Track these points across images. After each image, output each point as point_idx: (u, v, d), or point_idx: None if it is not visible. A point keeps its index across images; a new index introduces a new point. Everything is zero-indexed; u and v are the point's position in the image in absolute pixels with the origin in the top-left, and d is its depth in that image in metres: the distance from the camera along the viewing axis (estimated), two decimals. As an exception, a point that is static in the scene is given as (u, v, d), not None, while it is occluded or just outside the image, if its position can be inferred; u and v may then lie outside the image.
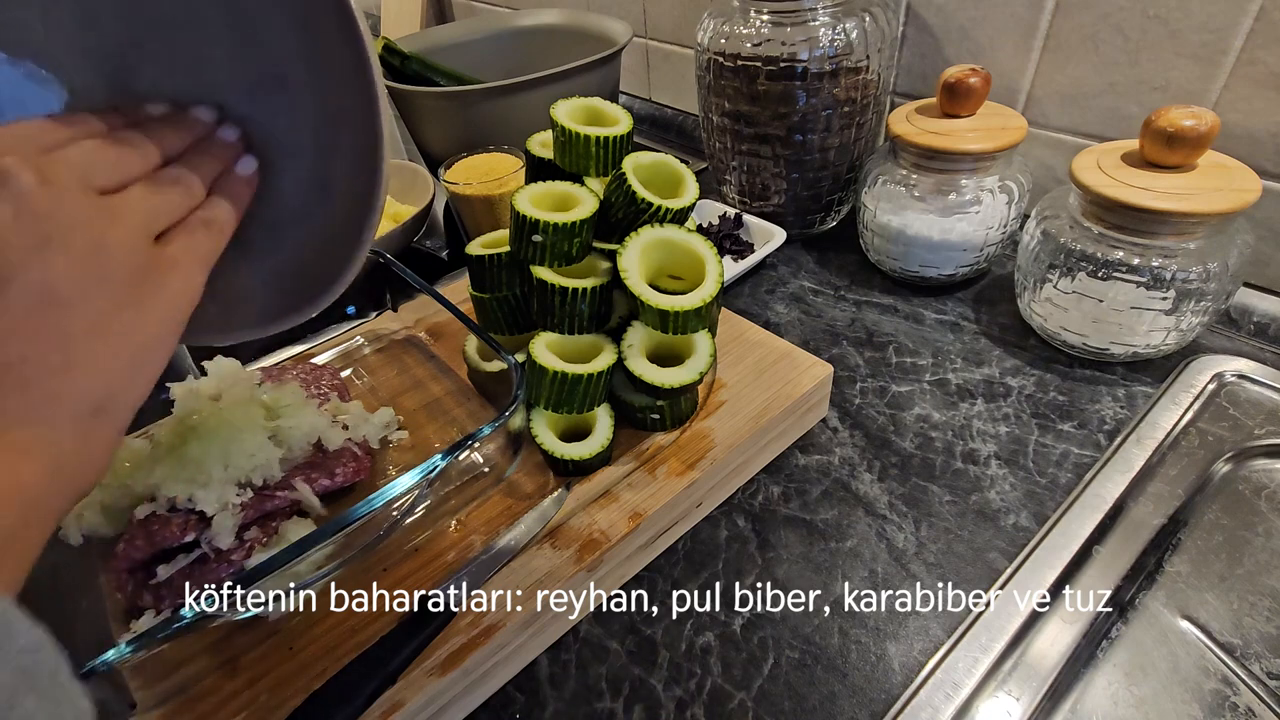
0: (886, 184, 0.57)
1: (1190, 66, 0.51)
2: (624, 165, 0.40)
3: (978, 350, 0.55)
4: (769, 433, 0.45)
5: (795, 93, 0.58)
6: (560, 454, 0.40)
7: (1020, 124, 0.53)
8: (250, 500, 0.37)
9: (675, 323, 0.38)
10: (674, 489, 0.41)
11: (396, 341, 0.55)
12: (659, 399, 0.41)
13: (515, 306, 0.47)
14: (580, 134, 0.41)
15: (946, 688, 0.35)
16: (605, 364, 0.40)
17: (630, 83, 1.03)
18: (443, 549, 0.39)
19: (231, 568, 0.35)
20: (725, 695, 0.36)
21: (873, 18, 0.57)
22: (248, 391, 0.41)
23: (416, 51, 0.81)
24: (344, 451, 0.42)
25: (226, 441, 0.37)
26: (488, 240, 0.47)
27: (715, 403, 0.46)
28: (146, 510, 0.36)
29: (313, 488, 0.39)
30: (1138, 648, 0.37)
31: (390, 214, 0.73)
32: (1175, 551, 0.41)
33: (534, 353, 0.39)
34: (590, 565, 0.37)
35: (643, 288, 0.38)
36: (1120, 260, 0.46)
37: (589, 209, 0.41)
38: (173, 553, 0.35)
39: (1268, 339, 0.52)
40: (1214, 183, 0.43)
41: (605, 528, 0.39)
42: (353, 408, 0.45)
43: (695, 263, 0.40)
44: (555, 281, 0.40)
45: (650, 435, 0.44)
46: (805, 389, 0.46)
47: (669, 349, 0.42)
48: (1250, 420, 0.46)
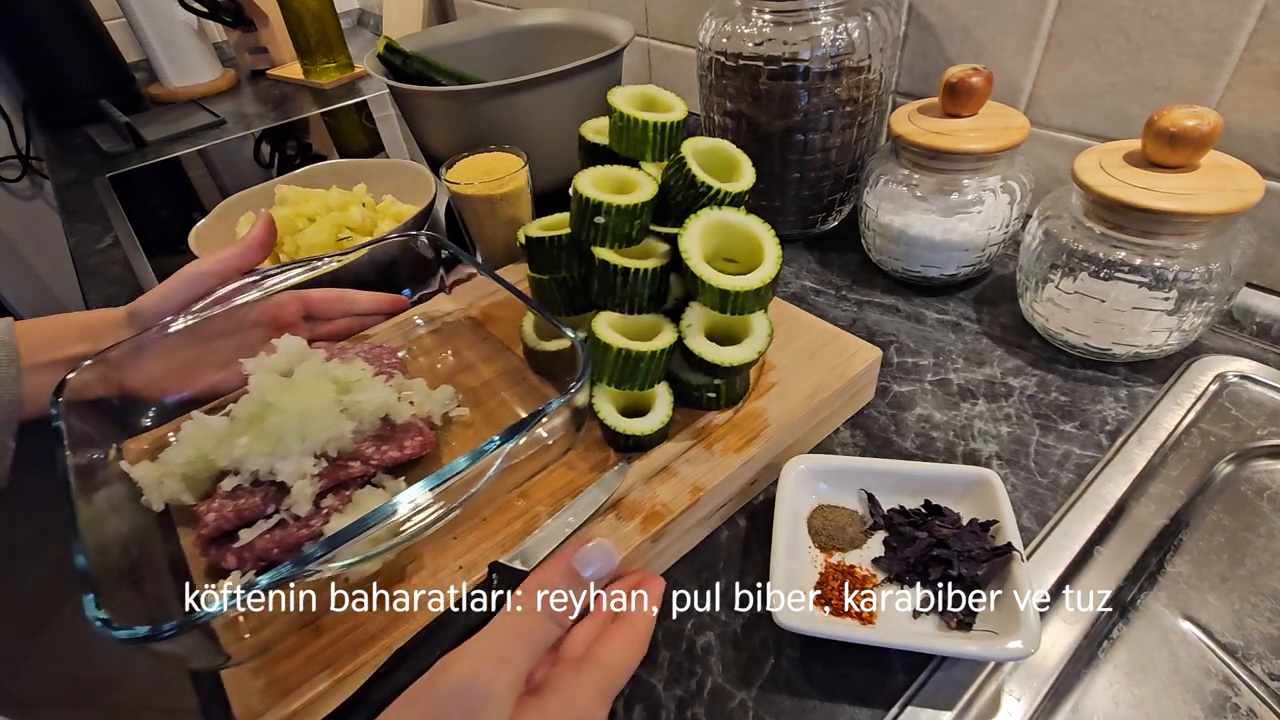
0: (888, 184, 0.57)
1: (1193, 66, 0.51)
2: (683, 149, 0.41)
3: (979, 350, 0.55)
4: (820, 413, 0.46)
5: (797, 92, 0.58)
6: (623, 429, 0.41)
7: (1022, 124, 0.53)
8: (325, 470, 0.39)
9: (735, 303, 0.38)
10: (732, 465, 0.41)
11: (449, 324, 0.57)
12: (717, 378, 0.42)
13: (573, 288, 0.48)
14: (638, 119, 0.42)
15: (948, 688, 0.35)
16: (667, 342, 0.41)
17: (632, 82, 1.03)
18: (510, 519, 0.40)
19: (310, 533, 0.38)
20: (725, 695, 0.36)
21: (875, 17, 0.57)
22: (319, 367, 0.43)
23: (418, 51, 0.81)
24: (410, 425, 0.44)
25: (303, 416, 0.39)
26: (544, 224, 0.49)
27: (766, 384, 0.47)
28: (232, 482, 0.38)
29: (382, 459, 0.41)
30: (1139, 648, 0.37)
31: (392, 214, 0.73)
32: (1177, 552, 0.41)
33: (597, 331, 0.41)
34: (654, 536, 0.39)
35: (704, 268, 0.39)
36: (1122, 260, 0.46)
37: (649, 192, 0.42)
38: (254, 518, 0.38)
39: (1270, 339, 0.52)
40: (1216, 183, 0.43)
41: (667, 500, 0.40)
42: (415, 384, 0.47)
43: (752, 245, 0.41)
44: (618, 262, 0.41)
45: (704, 414, 0.45)
46: (856, 371, 0.47)
47: (724, 330, 0.43)
48: (1252, 421, 0.46)
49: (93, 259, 0.83)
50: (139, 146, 1.12)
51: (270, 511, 0.38)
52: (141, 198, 0.97)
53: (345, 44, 1.33)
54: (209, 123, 1.19)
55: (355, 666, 0.34)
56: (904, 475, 0.42)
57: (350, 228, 0.70)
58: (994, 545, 0.37)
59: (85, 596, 0.29)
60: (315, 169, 0.80)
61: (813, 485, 0.43)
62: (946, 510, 0.40)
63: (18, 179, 1.60)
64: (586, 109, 0.75)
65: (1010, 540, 0.36)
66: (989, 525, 0.38)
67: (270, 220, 0.51)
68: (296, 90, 1.33)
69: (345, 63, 1.33)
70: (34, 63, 1.25)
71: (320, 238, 0.66)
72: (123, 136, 1.14)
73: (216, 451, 0.40)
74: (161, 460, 0.41)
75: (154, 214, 0.93)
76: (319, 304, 0.53)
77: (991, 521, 0.38)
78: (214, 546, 0.38)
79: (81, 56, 1.27)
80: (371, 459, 0.41)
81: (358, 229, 0.70)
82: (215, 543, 0.38)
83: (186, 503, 0.41)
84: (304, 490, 0.38)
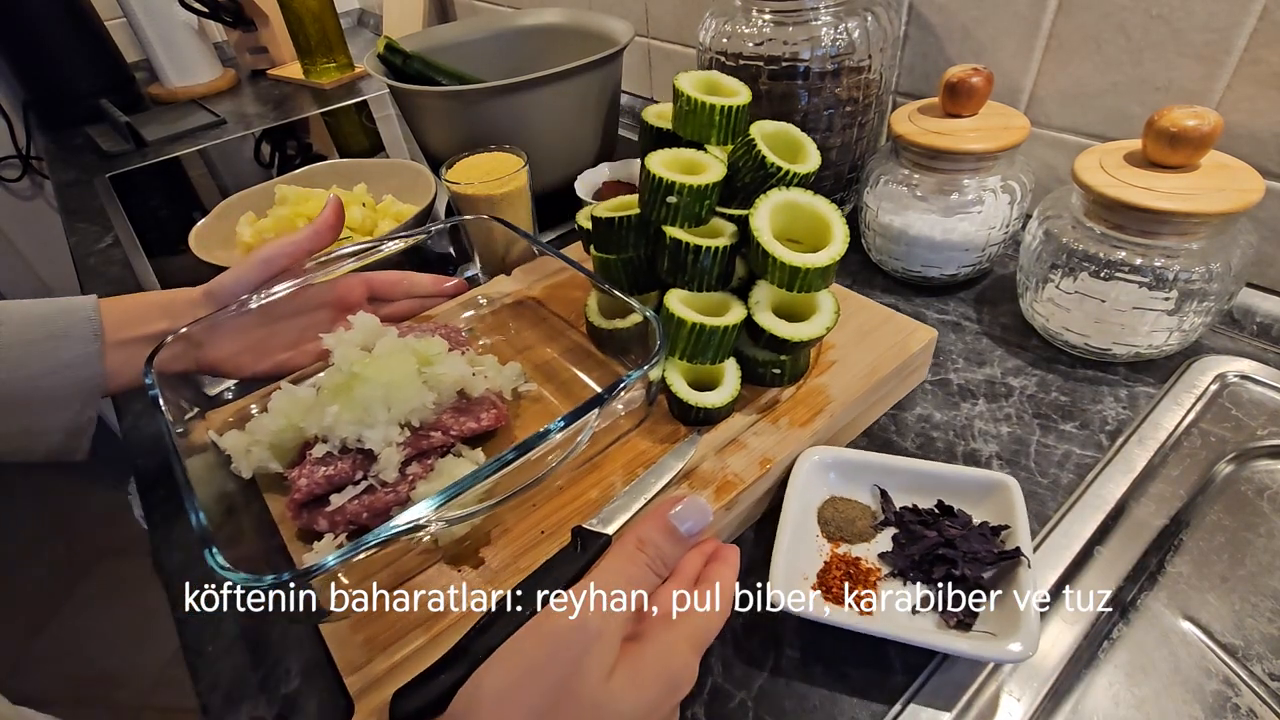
0: (888, 184, 0.57)
1: (1193, 66, 0.51)
2: (752, 131, 0.43)
3: (979, 350, 0.55)
4: (879, 390, 0.47)
5: (797, 92, 0.58)
6: (695, 402, 0.42)
7: (1022, 124, 0.53)
8: (409, 439, 0.41)
9: (803, 280, 0.40)
10: (799, 438, 0.43)
11: (507, 305, 0.59)
12: (784, 353, 0.43)
13: (639, 267, 0.49)
14: (705, 103, 0.43)
15: (948, 688, 0.35)
16: (738, 317, 0.42)
17: (632, 82, 1.03)
18: (586, 488, 0.42)
19: (397, 498, 0.40)
20: (725, 695, 0.36)
21: (875, 17, 0.57)
22: (399, 341, 0.44)
23: (418, 51, 0.81)
24: (484, 399, 0.45)
25: (389, 386, 0.41)
26: (609, 206, 0.50)
27: (826, 362, 0.48)
28: (322, 450, 0.40)
29: (461, 430, 0.43)
30: (1139, 648, 0.37)
31: (392, 214, 0.73)
32: (1177, 552, 0.41)
33: (670, 306, 0.42)
34: (728, 504, 0.40)
35: (775, 245, 0.40)
36: (1122, 260, 0.46)
37: (719, 173, 0.43)
38: (343, 485, 0.40)
39: (1270, 340, 0.52)
40: (1216, 183, 0.43)
41: (739, 470, 0.41)
42: (486, 360, 0.49)
43: (818, 226, 0.42)
44: (689, 240, 0.42)
45: (768, 390, 0.46)
46: (913, 350, 0.48)
47: (787, 308, 0.44)
48: (1252, 421, 0.46)
49: (93, 259, 0.83)
50: (139, 146, 1.12)
51: (359, 478, 0.40)
52: (141, 198, 0.97)
53: (345, 44, 1.33)
54: (209, 123, 1.19)
55: (448, 625, 0.35)
56: (920, 474, 0.42)
57: (350, 228, 0.70)
58: (1002, 550, 0.37)
59: (206, 550, 0.31)
60: (315, 169, 0.80)
61: (825, 476, 0.43)
62: (959, 512, 0.40)
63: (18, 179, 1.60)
64: (587, 109, 0.75)
65: (1019, 545, 0.36)
66: (1000, 530, 0.38)
67: (339, 203, 0.52)
68: (296, 90, 1.33)
69: (345, 63, 1.33)
70: (34, 63, 1.24)
71: (320, 237, 0.66)
72: (123, 136, 1.14)
73: (306, 420, 0.42)
74: (249, 430, 0.44)
75: (154, 214, 0.93)
76: (382, 286, 0.55)
77: (1003, 526, 0.38)
78: (306, 511, 0.40)
79: (82, 56, 1.27)
80: (450, 429, 0.43)
81: (358, 229, 0.70)
82: (307, 507, 0.40)
83: (274, 470, 0.43)
84: (391, 458, 0.40)
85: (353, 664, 0.35)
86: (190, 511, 0.34)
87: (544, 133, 0.72)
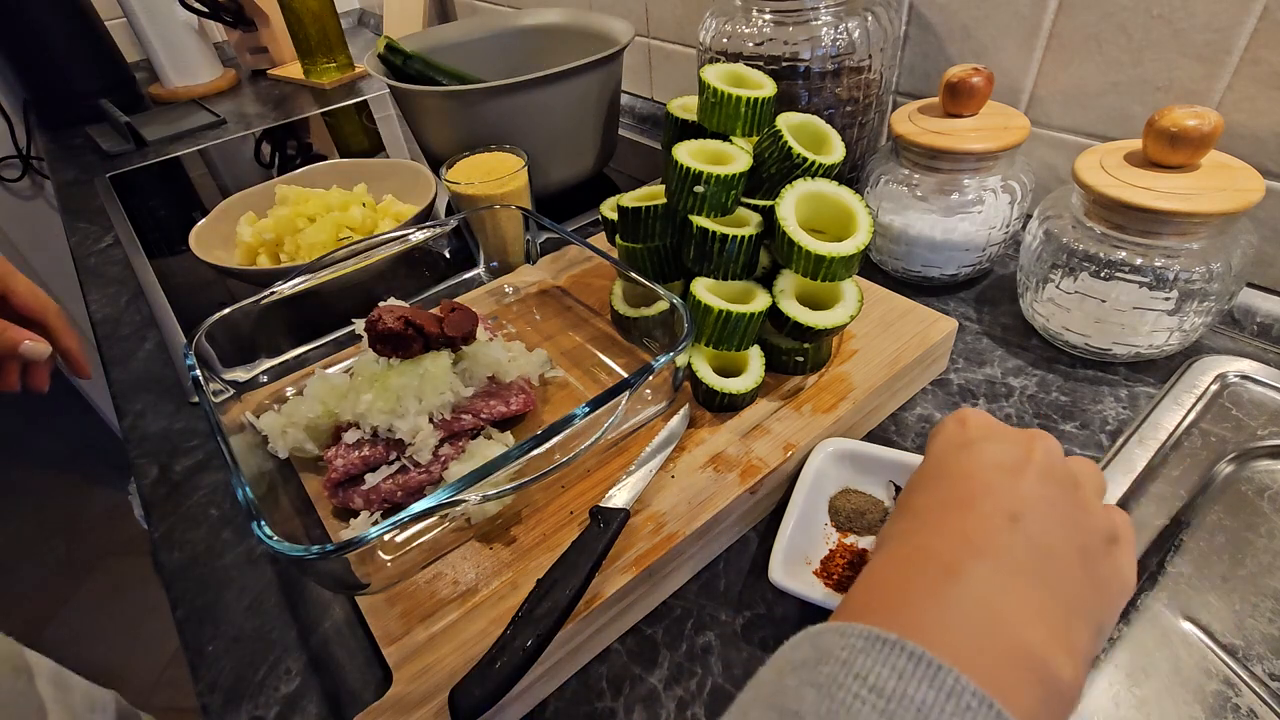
0: (889, 183, 0.57)
1: (1194, 66, 0.51)
2: (778, 123, 0.43)
3: (980, 350, 0.55)
4: (901, 379, 0.48)
5: (797, 92, 0.58)
6: (720, 388, 0.43)
7: (1023, 124, 0.53)
8: (441, 422, 0.43)
9: (828, 269, 0.40)
10: (822, 424, 0.44)
11: (531, 294, 0.60)
12: (808, 341, 0.44)
13: (664, 256, 0.50)
14: (732, 95, 0.44)
15: (947, 688, 0.35)
16: (763, 305, 0.43)
17: (632, 82, 1.03)
18: (612, 470, 0.43)
19: (429, 478, 0.41)
20: (725, 695, 0.36)
21: (875, 17, 0.57)
22: None
23: (418, 51, 0.81)
24: (514, 384, 0.47)
25: (423, 377, 0.42)
26: (635, 196, 0.51)
27: (848, 351, 0.49)
28: (356, 435, 0.42)
29: (491, 413, 0.45)
30: (1139, 649, 0.37)
31: (392, 213, 0.73)
32: (1177, 552, 0.41)
33: (697, 294, 0.43)
34: (753, 488, 0.41)
35: (801, 235, 0.41)
36: (1123, 260, 0.46)
37: (745, 164, 0.43)
38: (378, 465, 0.42)
39: (1271, 340, 0.52)
40: (1217, 183, 0.43)
41: (763, 455, 0.42)
42: (515, 346, 0.50)
43: (842, 216, 0.43)
44: (716, 229, 0.43)
45: (790, 378, 0.47)
46: (935, 340, 0.49)
47: (810, 298, 0.45)
48: (1253, 421, 0.46)
49: (93, 259, 0.83)
50: (139, 146, 1.12)
51: (392, 458, 0.42)
52: (142, 197, 0.97)
53: (345, 44, 1.33)
54: (209, 122, 1.19)
55: (483, 599, 0.37)
56: None
57: (350, 227, 0.70)
58: None
59: (255, 523, 0.32)
60: (315, 169, 0.80)
61: (841, 467, 0.43)
62: None
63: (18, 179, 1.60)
64: (587, 109, 0.75)
65: None
66: None
67: None
68: (297, 90, 1.34)
69: (345, 63, 1.33)
70: (34, 63, 1.24)
71: (320, 237, 0.66)
72: (123, 136, 1.14)
73: (340, 405, 0.43)
74: (284, 412, 0.45)
75: (154, 214, 0.92)
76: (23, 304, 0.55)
77: None
78: (342, 489, 0.42)
79: (82, 56, 1.27)
80: (481, 413, 0.44)
81: (358, 229, 0.70)
82: (343, 486, 0.42)
83: (310, 450, 0.45)
84: (425, 440, 0.41)
85: (390, 635, 0.36)
86: (237, 487, 0.35)
87: (544, 133, 0.72)
